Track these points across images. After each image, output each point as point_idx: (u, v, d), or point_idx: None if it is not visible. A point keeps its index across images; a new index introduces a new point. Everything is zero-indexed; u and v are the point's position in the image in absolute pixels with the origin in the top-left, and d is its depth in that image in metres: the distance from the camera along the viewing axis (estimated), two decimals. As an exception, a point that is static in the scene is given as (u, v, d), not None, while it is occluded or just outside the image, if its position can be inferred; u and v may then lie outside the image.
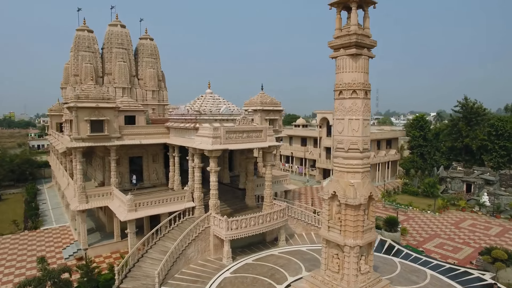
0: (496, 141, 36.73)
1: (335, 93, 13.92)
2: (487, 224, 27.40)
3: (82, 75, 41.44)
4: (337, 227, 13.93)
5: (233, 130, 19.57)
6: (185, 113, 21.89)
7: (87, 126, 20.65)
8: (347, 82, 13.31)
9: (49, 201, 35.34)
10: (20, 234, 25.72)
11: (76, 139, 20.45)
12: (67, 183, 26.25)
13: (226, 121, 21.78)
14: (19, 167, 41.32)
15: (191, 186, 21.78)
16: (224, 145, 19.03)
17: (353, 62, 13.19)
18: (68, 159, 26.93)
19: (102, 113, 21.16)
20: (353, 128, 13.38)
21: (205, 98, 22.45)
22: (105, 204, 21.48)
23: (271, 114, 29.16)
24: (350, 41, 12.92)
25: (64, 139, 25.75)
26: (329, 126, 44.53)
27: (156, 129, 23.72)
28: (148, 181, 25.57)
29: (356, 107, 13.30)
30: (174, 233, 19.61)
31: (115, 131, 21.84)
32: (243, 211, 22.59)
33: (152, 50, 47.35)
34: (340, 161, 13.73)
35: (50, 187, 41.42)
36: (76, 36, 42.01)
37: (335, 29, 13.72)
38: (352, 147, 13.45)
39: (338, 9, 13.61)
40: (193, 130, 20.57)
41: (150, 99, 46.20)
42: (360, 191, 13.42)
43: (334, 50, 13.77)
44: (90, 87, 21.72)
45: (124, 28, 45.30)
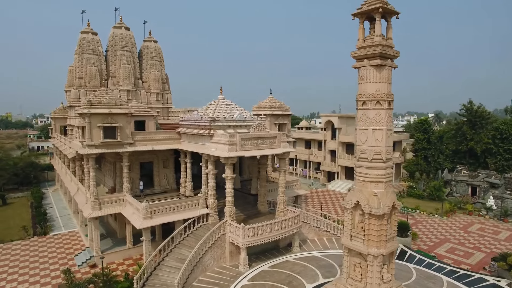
0: (500, 144, 37.04)
1: (358, 103, 13.96)
2: (495, 228, 27.60)
3: (87, 78, 41.24)
4: (360, 236, 13.99)
5: (249, 137, 19.57)
6: (198, 119, 21.84)
7: (100, 133, 20.53)
8: (371, 93, 13.35)
9: (55, 205, 35.09)
10: (30, 240, 25.52)
11: (89, 145, 20.33)
12: (76, 189, 26.09)
13: (240, 128, 21.76)
14: (23, 170, 41.02)
15: (204, 193, 21.75)
16: (240, 152, 19.02)
17: (377, 72, 13.23)
18: (78, 164, 26.78)
19: (114, 119, 21.06)
20: (376, 139, 13.42)
21: (218, 104, 22.41)
22: (118, 211, 21.38)
23: (280, 119, 29.18)
24: (375, 52, 12.96)
25: (73, 144, 25.59)
26: (334, 129, 44.66)
27: (168, 134, 23.64)
28: (158, 187, 25.48)
29: (380, 117, 13.35)
30: (189, 240, 19.57)
31: (128, 137, 21.75)
32: (256, 217, 22.62)
33: (156, 53, 47.19)
34: (363, 171, 13.78)
35: (54, 191, 41.15)
36: (81, 38, 41.76)
37: (358, 39, 13.77)
38: (375, 157, 13.50)
39: (361, 19, 13.65)
40: (207, 137, 20.53)
41: (155, 102, 46.04)
42: (384, 201, 13.47)
43: (357, 60, 13.80)
44: (103, 92, 21.61)
45: (128, 30, 45.12)
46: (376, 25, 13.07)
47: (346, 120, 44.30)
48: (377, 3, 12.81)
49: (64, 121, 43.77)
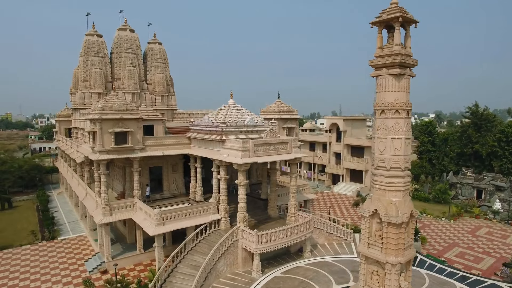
0: (506, 147, 37.14)
1: (376, 111, 13.96)
2: (503, 233, 27.66)
3: (92, 80, 41.18)
4: (378, 244, 13.98)
5: (261, 143, 19.56)
6: (209, 124, 21.81)
7: (111, 138, 20.48)
8: (390, 102, 13.35)
9: (61, 208, 35.00)
10: (39, 244, 25.45)
11: (101, 151, 20.28)
12: (85, 193, 26.02)
13: (251, 133, 21.75)
14: (28, 173, 40.91)
15: (215, 198, 21.72)
16: (253, 158, 19.01)
17: (396, 82, 13.23)
18: (86, 168, 26.70)
19: (126, 124, 21.01)
20: (395, 147, 13.42)
21: (229, 109, 22.38)
22: (128, 217, 21.33)
23: (288, 123, 29.15)
24: (394, 61, 12.96)
25: (82, 149, 25.52)
26: (338, 131, 44.67)
27: (178, 139, 23.60)
28: (168, 191, 25.44)
29: (398, 126, 13.35)
30: (201, 246, 19.55)
31: (139, 143, 21.70)
32: (267, 222, 22.61)
33: (161, 55, 47.13)
34: (381, 180, 13.77)
35: (59, 194, 41.05)
36: (86, 41, 41.69)
37: (376, 48, 13.76)
38: (394, 166, 13.50)
39: (379, 28, 13.65)
40: (219, 142, 20.50)
41: (159, 104, 45.99)
42: (402, 209, 13.48)
43: (376, 68, 13.79)
44: (113, 97, 21.55)
45: (133, 32, 45.05)
46: (395, 34, 13.06)
47: (352, 123, 44.33)
48: (396, 12, 12.81)
49: (69, 123, 43.72)
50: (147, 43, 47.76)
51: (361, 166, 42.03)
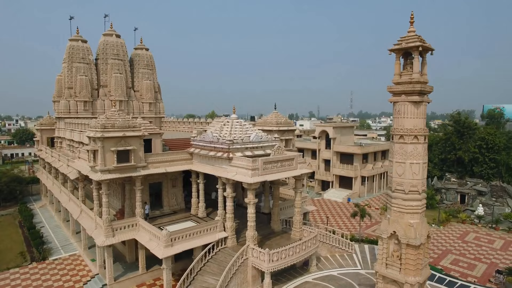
0: (486, 153, 39.32)
1: (395, 136, 14.32)
2: (489, 237, 29.23)
3: (77, 88, 39.55)
4: (396, 265, 14.36)
5: (269, 161, 19.55)
6: (214, 140, 21.50)
7: (113, 157, 19.68)
8: (409, 128, 13.75)
9: (47, 224, 33.25)
10: (29, 267, 24.04)
11: (103, 170, 19.45)
12: (79, 211, 24.87)
13: (256, 149, 21.66)
14: (7, 186, 38.51)
15: (220, 215, 21.45)
16: (262, 177, 18.96)
17: (415, 108, 13.64)
18: (81, 185, 25.48)
19: (128, 142, 20.28)
20: (413, 172, 13.84)
21: (233, 125, 22.17)
22: (131, 237, 20.61)
23: (285, 134, 29.25)
24: (414, 89, 13.37)
25: (77, 165, 24.22)
26: (328, 139, 45.43)
27: (180, 155, 23.09)
28: (168, 207, 24.84)
29: (417, 151, 13.78)
30: (210, 266, 19.27)
31: (141, 160, 21.02)
32: (272, 237, 22.62)
33: (148, 61, 45.99)
34: (400, 202, 14.17)
35: (42, 207, 38.98)
36: (70, 46, 39.92)
37: (394, 74, 14.13)
38: (412, 190, 13.92)
39: (397, 54, 14.03)
40: (225, 160, 20.25)
41: (147, 111, 44.90)
42: (420, 231, 13.92)
43: (394, 94, 14.16)
44: (114, 114, 20.72)
45: (119, 38, 43.76)
46: (414, 62, 13.47)
47: (340, 130, 45.24)
48: (416, 41, 13.21)
49: (51, 132, 41.67)
50: (133, 49, 46.40)
51: (351, 173, 42.97)
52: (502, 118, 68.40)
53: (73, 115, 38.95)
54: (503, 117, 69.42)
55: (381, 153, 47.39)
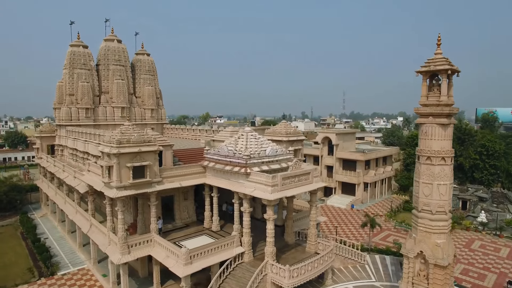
0: (486, 160, 40.05)
1: (421, 157, 14.43)
2: (494, 245, 29.76)
3: (79, 94, 38.88)
4: (423, 284, 14.48)
5: (288, 176, 19.52)
6: (229, 155, 21.34)
7: (129, 173, 19.36)
8: (436, 150, 13.87)
9: (50, 235, 32.54)
10: (38, 283, 23.45)
11: (119, 187, 19.13)
12: (89, 225, 24.41)
13: (272, 163, 21.58)
14: (6, 195, 37.54)
15: (236, 230, 21.32)
16: (282, 193, 18.91)
17: (443, 130, 13.77)
18: (90, 199, 24.96)
19: (143, 157, 19.98)
20: (441, 193, 13.97)
21: (248, 138, 22.05)
22: (147, 253, 20.32)
23: (294, 144, 29.22)
24: (442, 111, 13.48)
25: (87, 179, 23.70)
26: (330, 145, 45.62)
27: (194, 168, 22.86)
28: (180, 220, 24.61)
29: (444, 173, 13.91)
30: (229, 282, 19.14)
31: (156, 175, 20.74)
32: (286, 250, 22.59)
33: (150, 66, 45.49)
34: (427, 223, 14.28)
35: (43, 216, 38.16)
36: (71, 52, 39.20)
37: (421, 96, 14.23)
38: (439, 210, 14.05)
39: (425, 76, 14.15)
40: (242, 175, 20.13)
41: (149, 118, 44.46)
42: (447, 251, 14.05)
43: (421, 116, 14.26)
44: (129, 129, 20.38)
45: (121, 43, 43.19)
46: (442, 85, 13.60)
47: (343, 137, 45.48)
48: (444, 64, 13.33)
49: (51, 139, 40.87)
50: (134, 54, 45.83)
51: (354, 180, 43.24)
52: (496, 122, 69.79)
53: (75, 122, 38.24)
54: (497, 121, 70.82)
55: (382, 159, 47.83)
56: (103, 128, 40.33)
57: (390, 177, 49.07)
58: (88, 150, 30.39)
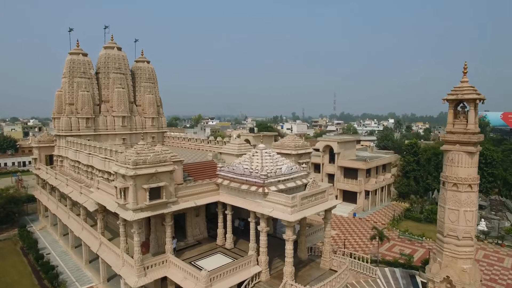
0: (485, 168, 40.97)
1: (447, 184, 14.62)
2: (497, 255, 30.45)
3: (79, 104, 38.09)
4: (449, 309, 14.65)
5: (306, 196, 19.53)
6: (245, 173, 21.18)
7: (145, 194, 18.99)
8: (463, 177, 14.07)
9: (52, 250, 31.73)
10: (46, 305, 22.88)
11: (135, 209, 18.76)
12: (98, 244, 23.87)
13: (288, 181, 21.51)
14: (4, 208, 36.42)
15: (252, 248, 21.20)
16: (301, 213, 18.89)
17: (469, 158, 13.98)
18: (100, 216, 24.36)
19: (159, 178, 19.64)
20: (467, 219, 14.18)
21: (263, 156, 21.94)
22: (163, 275, 20.00)
23: (303, 157, 29.25)
24: (470, 140, 13.69)
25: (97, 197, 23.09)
26: (332, 153, 45.90)
27: (207, 186, 22.63)
28: (192, 237, 24.33)
29: (470, 200, 14.13)
30: (248, 304, 19.00)
31: (171, 195, 20.43)
32: (301, 267, 22.58)
33: (150, 74, 44.91)
34: (453, 248, 14.48)
35: (43, 229, 37.18)
36: (70, 60, 38.33)
37: (447, 123, 14.40)
38: (465, 236, 14.27)
39: (451, 104, 14.33)
40: (260, 194, 20.01)
41: (150, 126, 43.90)
42: (473, 277, 14.28)
43: (447, 143, 14.44)
44: (144, 149, 19.98)
45: (121, 50, 42.52)
46: (470, 114, 13.81)
47: (344, 145, 45.81)
48: (472, 93, 13.54)
49: (50, 150, 39.91)
50: (134, 61, 45.15)
51: (355, 188, 43.63)
52: (487, 127, 71.51)
53: (75, 132, 37.38)
54: (489, 126, 72.56)
55: (382, 166, 48.40)
56: (103, 138, 39.63)
57: (390, 184, 49.70)
58: (92, 164, 29.73)
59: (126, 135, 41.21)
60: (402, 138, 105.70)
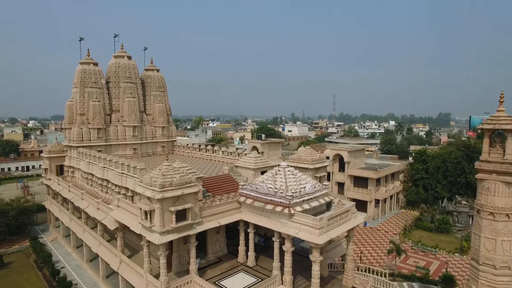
0: None
1: (483, 212, 14.64)
2: None
3: (90, 114, 37.93)
4: (484, 338, 14.68)
5: (332, 217, 19.52)
6: (270, 193, 21.12)
7: (171, 217, 18.89)
8: (500, 207, 14.09)
9: (66, 263, 31.54)
10: (67, 324, 22.72)
11: (162, 232, 18.67)
12: (118, 262, 23.74)
13: (311, 201, 21.46)
14: (15, 219, 36.13)
15: (276, 268, 21.17)
16: (328, 234, 18.89)
17: (507, 188, 13.99)
18: (120, 234, 24.18)
19: (185, 199, 19.54)
20: (505, 249, 14.20)
21: (286, 175, 21.89)
22: (188, 296, 19.93)
23: (319, 171, 29.26)
24: (507, 170, 13.70)
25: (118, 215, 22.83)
26: (342, 162, 45.93)
27: (230, 205, 22.56)
28: (212, 254, 24.25)
29: (507, 229, 14.15)
30: (275, 325, 18.97)
31: (196, 216, 20.33)
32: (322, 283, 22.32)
33: (160, 83, 44.77)
34: (489, 277, 14.51)
35: (54, 240, 36.95)
36: (81, 70, 38.15)
37: (483, 151, 14.42)
38: (503, 265, 14.29)
39: (487, 132, 14.33)
40: (286, 215, 19.97)
41: (160, 136, 43.77)
42: (509, 306, 14.29)
43: (482, 171, 14.45)
44: (169, 170, 19.84)
45: (131, 59, 42.42)
46: (507, 144, 13.83)
47: (354, 154, 45.86)
48: (510, 124, 13.54)
49: (60, 160, 39.67)
50: (144, 70, 45.00)
51: (366, 197, 43.71)
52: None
53: (86, 143, 37.17)
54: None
55: (391, 175, 48.51)
56: (114, 148, 39.46)
57: (398, 191, 49.82)
58: (108, 178, 29.55)
59: (137, 145, 41.02)
60: (404, 140, 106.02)
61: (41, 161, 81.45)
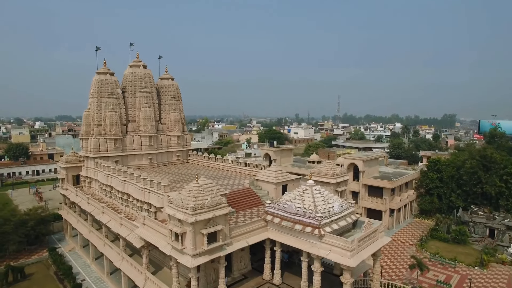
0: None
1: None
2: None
3: (107, 125, 38.06)
4: None
5: (363, 238, 19.49)
6: (298, 213, 21.11)
7: (203, 239, 18.90)
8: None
9: (86, 276, 31.61)
10: None
11: (194, 255, 18.67)
12: (144, 279, 23.75)
13: (339, 220, 21.48)
14: (34, 229, 36.29)
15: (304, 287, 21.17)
16: (359, 255, 19.03)
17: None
18: (145, 252, 24.18)
19: (216, 221, 19.57)
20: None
21: (314, 194, 21.87)
22: (218, 317, 19.95)
23: (340, 185, 29.23)
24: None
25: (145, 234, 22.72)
26: (356, 171, 45.80)
27: (258, 224, 22.55)
28: (237, 271, 24.28)
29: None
30: None
31: (226, 237, 20.35)
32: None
33: (175, 91, 44.86)
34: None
35: (71, 251, 37.07)
36: (98, 80, 38.25)
37: None
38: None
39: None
40: (316, 236, 19.94)
41: (175, 145, 43.86)
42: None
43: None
44: (200, 192, 19.81)
45: (146, 68, 42.52)
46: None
47: (369, 163, 45.71)
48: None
49: (77, 170, 39.82)
50: (158, 79, 45.05)
51: (380, 206, 43.58)
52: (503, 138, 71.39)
53: (103, 153, 37.25)
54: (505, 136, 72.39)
55: (405, 184, 48.32)
56: (130, 158, 39.57)
57: (412, 200, 49.65)
58: (128, 192, 29.61)
59: (153, 154, 41.10)
60: (411, 144, 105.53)
61: (51, 165, 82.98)
